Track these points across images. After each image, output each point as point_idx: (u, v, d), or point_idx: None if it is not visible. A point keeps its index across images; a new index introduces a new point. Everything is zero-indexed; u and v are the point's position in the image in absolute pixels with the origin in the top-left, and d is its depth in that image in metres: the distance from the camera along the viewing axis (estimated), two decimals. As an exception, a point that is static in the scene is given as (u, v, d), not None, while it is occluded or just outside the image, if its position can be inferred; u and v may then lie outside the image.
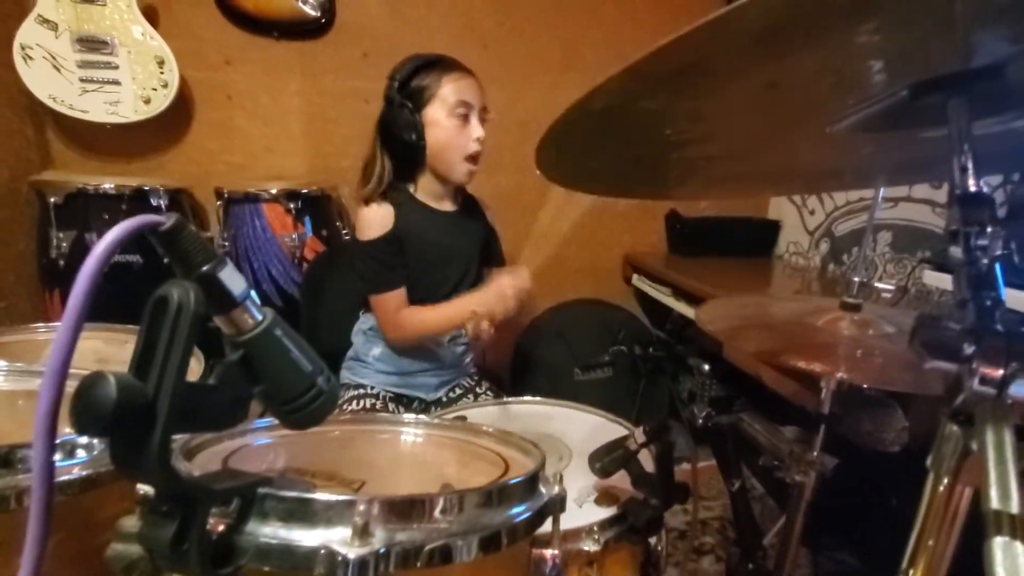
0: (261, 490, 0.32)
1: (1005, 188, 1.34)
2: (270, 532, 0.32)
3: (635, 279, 2.13)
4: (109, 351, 0.98)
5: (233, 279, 0.31)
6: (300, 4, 1.69)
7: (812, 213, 2.09)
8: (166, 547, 0.28)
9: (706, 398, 0.96)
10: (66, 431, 0.38)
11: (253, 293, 0.31)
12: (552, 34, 1.98)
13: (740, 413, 0.99)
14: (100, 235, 1.34)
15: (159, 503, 0.29)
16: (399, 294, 1.16)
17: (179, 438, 0.38)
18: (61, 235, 1.42)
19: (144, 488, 0.30)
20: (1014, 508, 0.23)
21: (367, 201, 1.17)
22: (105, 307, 1.37)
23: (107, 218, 1.47)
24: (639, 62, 0.29)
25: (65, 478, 0.36)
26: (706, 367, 1.02)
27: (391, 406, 1.22)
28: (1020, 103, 0.37)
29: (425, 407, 1.26)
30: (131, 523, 0.31)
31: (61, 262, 1.43)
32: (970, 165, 0.36)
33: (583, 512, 0.68)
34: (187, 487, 0.29)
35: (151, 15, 1.58)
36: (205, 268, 0.29)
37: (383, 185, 1.17)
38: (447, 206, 1.25)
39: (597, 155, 0.47)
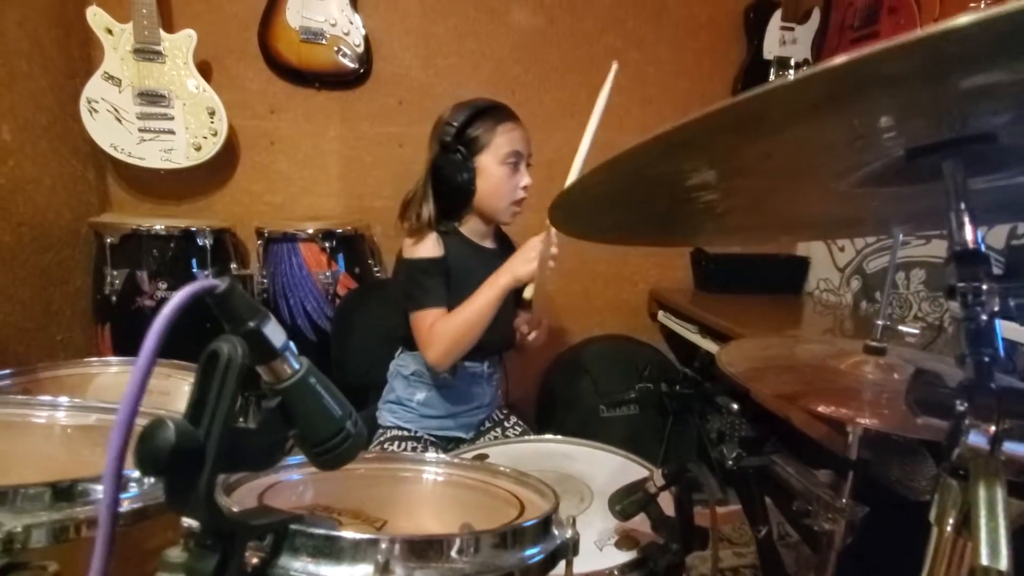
0: (293, 527, 0.35)
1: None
2: (300, 567, 0.35)
3: (661, 315, 2.13)
4: (152, 383, 1.03)
5: (275, 333, 0.34)
6: (340, 57, 1.80)
7: (842, 250, 2.06)
8: None
9: (736, 438, 0.95)
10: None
11: (292, 344, 0.35)
12: (578, 79, 2.05)
13: (772, 455, 0.97)
14: (150, 273, 1.42)
15: (204, 537, 0.32)
16: (439, 313, 1.16)
17: (221, 475, 0.41)
18: (115, 273, 1.52)
19: (189, 521, 0.33)
20: (1003, 565, 0.24)
21: (414, 234, 1.21)
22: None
23: (156, 255, 1.57)
24: (640, 146, 0.32)
25: (119, 510, 0.40)
26: (735, 406, 1.00)
27: (431, 449, 1.23)
28: (1015, 163, 0.38)
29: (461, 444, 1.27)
30: (175, 553, 0.34)
31: (114, 298, 1.53)
32: (967, 221, 0.37)
33: (603, 555, 0.68)
34: (229, 523, 0.32)
35: (205, 70, 1.71)
36: (251, 324, 0.33)
37: (430, 224, 1.20)
38: (488, 243, 1.30)
39: (609, 210, 0.50)
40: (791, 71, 2.09)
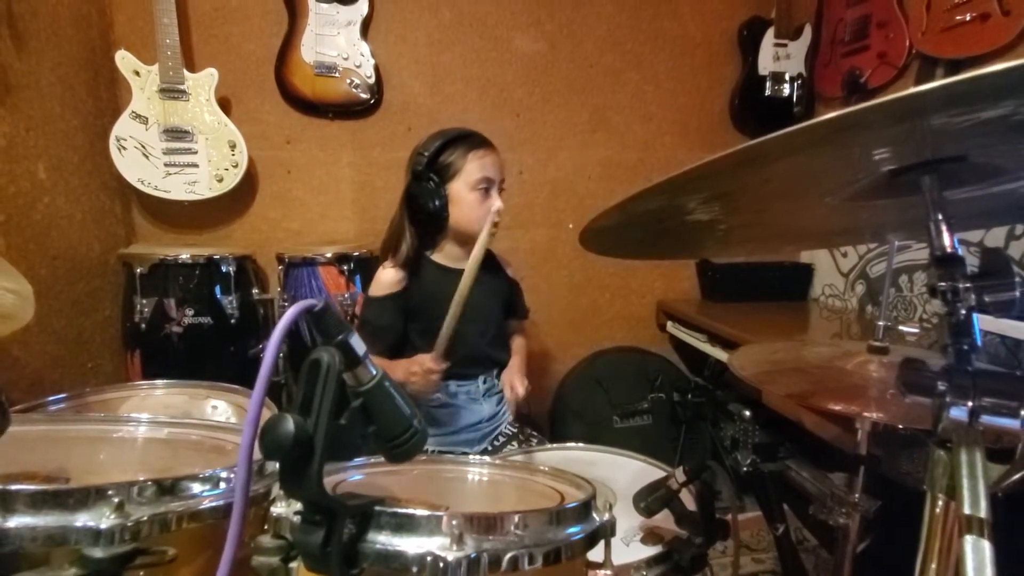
0: (377, 508, 0.40)
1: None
2: (385, 540, 0.40)
3: (669, 326, 2.17)
4: (191, 405, 1.08)
5: (358, 344, 0.40)
6: (352, 88, 1.89)
7: (845, 256, 2.11)
8: (317, 549, 0.36)
9: (750, 444, 0.98)
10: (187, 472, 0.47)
11: (370, 354, 0.41)
12: (580, 100, 2.13)
13: (786, 460, 1.01)
14: (176, 300, 1.49)
15: (311, 515, 0.37)
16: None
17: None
18: (144, 301, 1.59)
19: (279, 511, 0.38)
20: (982, 513, 0.28)
21: (385, 261, 1.28)
22: (185, 362, 1.50)
23: (182, 282, 1.64)
24: (651, 188, 0.37)
25: (212, 504, 0.45)
26: (747, 413, 1.04)
27: None
28: (984, 177, 0.44)
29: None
30: (267, 540, 0.39)
31: (143, 325, 1.59)
32: (944, 229, 0.42)
33: (630, 550, 0.72)
34: (333, 503, 0.37)
35: (225, 105, 1.80)
36: (341, 337, 0.39)
37: (408, 254, 1.25)
38: (464, 265, 1.34)
39: (620, 233, 0.56)
40: (786, 85, 2.16)
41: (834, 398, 0.75)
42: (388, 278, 1.26)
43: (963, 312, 0.38)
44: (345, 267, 1.72)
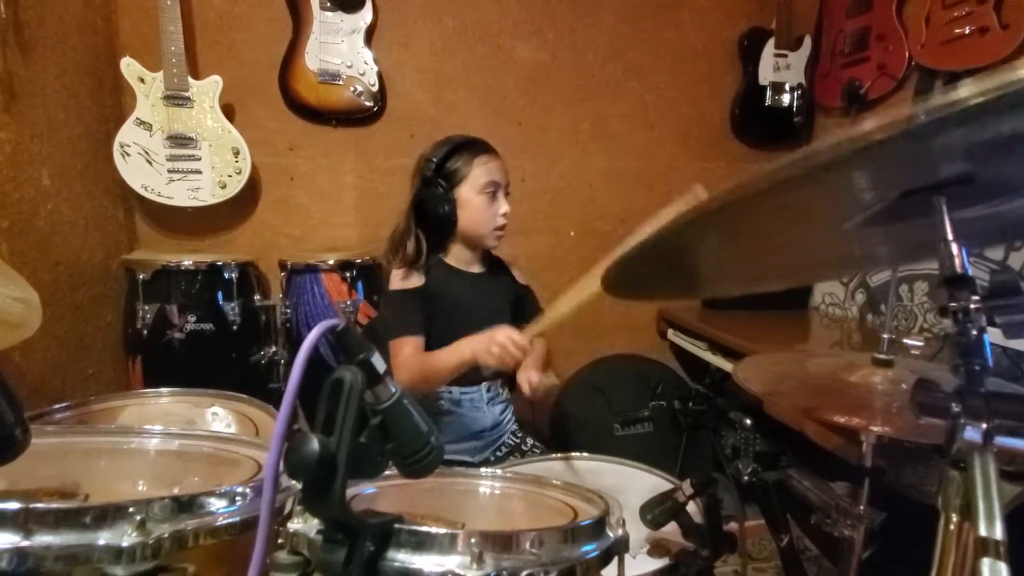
0: (397, 525, 0.40)
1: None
2: (404, 558, 0.40)
3: (670, 333, 2.18)
4: (194, 413, 1.07)
5: (379, 362, 0.41)
6: (355, 96, 1.90)
7: (844, 265, 2.12)
8: (339, 567, 0.36)
9: (751, 453, 0.98)
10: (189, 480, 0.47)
11: (390, 371, 0.41)
12: (581, 108, 2.14)
13: (788, 469, 1.01)
14: (179, 306, 1.49)
15: (333, 533, 0.37)
16: (415, 341, 1.21)
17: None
18: (146, 307, 1.59)
19: (295, 527, 0.38)
20: (998, 535, 0.29)
21: (395, 266, 1.29)
22: (187, 369, 1.50)
23: (184, 288, 1.64)
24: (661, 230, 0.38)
25: (228, 521, 0.45)
26: (748, 421, 1.04)
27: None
28: (992, 195, 0.44)
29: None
30: (284, 556, 0.39)
31: (145, 332, 1.59)
32: (955, 250, 0.43)
33: (637, 563, 0.72)
34: (355, 521, 0.38)
35: (229, 112, 1.80)
36: (362, 355, 0.39)
37: (420, 258, 1.26)
38: (475, 268, 1.36)
39: (645, 279, 0.56)
40: (786, 95, 2.18)
41: (839, 411, 0.76)
42: (405, 275, 1.28)
43: (974, 333, 0.39)
44: (347, 274, 1.73)
